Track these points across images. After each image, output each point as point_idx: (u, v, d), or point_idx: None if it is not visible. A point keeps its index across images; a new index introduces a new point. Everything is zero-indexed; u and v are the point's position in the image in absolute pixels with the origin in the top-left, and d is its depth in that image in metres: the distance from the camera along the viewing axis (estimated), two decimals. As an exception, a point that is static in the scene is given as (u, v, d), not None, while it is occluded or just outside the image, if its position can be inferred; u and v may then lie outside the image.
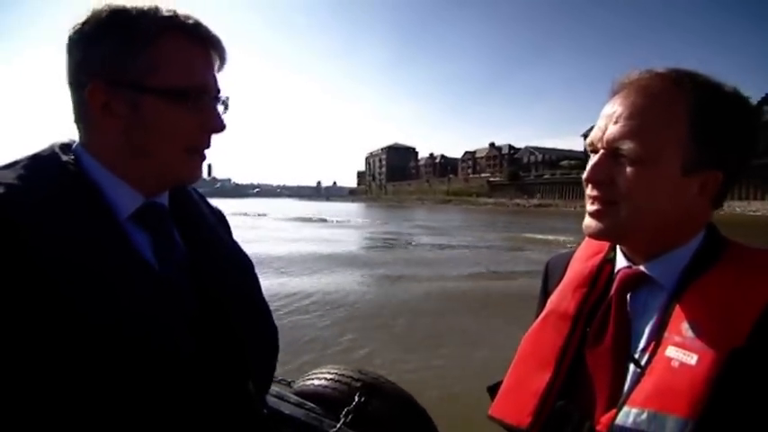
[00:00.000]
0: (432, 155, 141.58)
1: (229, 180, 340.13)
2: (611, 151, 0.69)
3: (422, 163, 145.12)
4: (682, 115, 0.66)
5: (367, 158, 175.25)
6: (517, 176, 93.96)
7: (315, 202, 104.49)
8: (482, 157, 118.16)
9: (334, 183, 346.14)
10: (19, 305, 0.56)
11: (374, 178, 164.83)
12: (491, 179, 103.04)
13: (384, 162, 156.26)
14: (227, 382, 0.72)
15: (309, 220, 31.78)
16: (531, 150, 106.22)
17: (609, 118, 0.70)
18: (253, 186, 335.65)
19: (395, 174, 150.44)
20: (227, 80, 0.73)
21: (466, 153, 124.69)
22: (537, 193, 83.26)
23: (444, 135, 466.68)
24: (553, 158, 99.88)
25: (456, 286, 8.28)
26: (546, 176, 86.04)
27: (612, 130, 0.68)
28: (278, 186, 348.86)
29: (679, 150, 0.66)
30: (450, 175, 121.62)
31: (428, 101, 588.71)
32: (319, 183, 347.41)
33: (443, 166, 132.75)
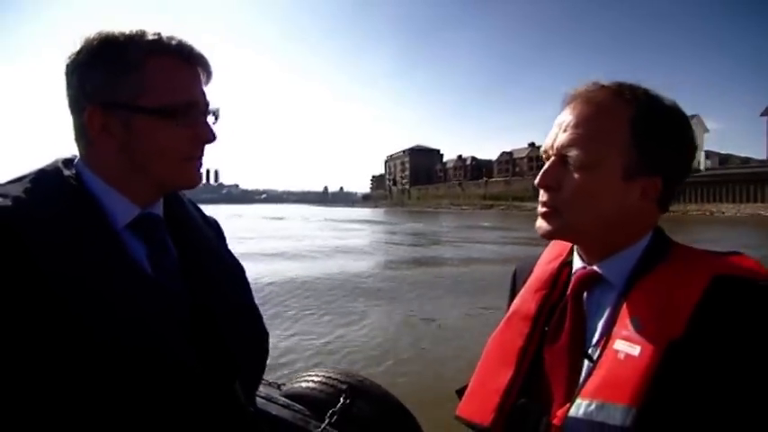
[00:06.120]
0: (461, 156, 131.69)
1: (236, 186, 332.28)
2: (561, 158, 0.74)
3: (449, 165, 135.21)
4: (623, 124, 0.72)
5: (386, 161, 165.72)
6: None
7: (340, 209, 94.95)
8: (522, 158, 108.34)
9: (341, 188, 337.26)
10: (23, 313, 0.60)
11: (395, 182, 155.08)
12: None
13: (407, 165, 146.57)
14: (215, 383, 0.75)
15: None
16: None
17: (559, 127, 0.75)
18: (259, 192, 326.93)
19: (419, 177, 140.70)
20: (230, 86, 0.64)
21: (503, 153, 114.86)
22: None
23: (465, 137, 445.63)
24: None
25: None
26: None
27: (561, 138, 0.74)
28: (284, 192, 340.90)
29: (620, 157, 0.71)
30: (485, 178, 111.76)
31: (443, 104, 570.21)
32: (326, 188, 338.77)
33: (476, 169, 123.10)
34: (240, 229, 27.65)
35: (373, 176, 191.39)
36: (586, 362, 0.73)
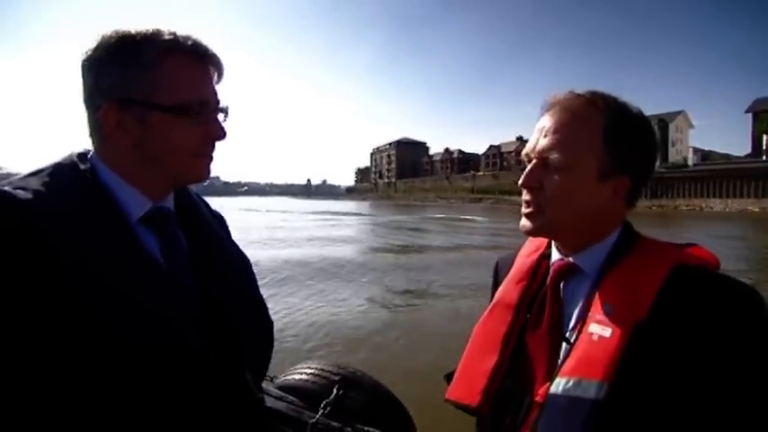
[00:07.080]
0: (448, 149, 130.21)
1: (218, 178, 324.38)
2: (542, 161, 0.80)
3: (436, 159, 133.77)
4: (596, 131, 0.78)
5: (372, 154, 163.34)
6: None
7: (325, 201, 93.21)
8: (510, 152, 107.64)
9: (324, 181, 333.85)
10: (39, 305, 0.61)
11: (381, 175, 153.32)
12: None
13: (393, 158, 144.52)
14: (227, 376, 0.76)
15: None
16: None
17: (540, 132, 0.82)
18: (241, 185, 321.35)
19: (405, 170, 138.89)
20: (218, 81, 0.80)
21: (491, 147, 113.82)
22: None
23: (449, 132, 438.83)
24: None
25: None
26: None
27: (542, 142, 0.80)
28: (266, 184, 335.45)
29: (595, 160, 0.78)
30: (473, 172, 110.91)
31: (425, 100, 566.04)
32: (309, 181, 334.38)
33: (463, 162, 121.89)
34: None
35: (358, 169, 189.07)
36: (564, 344, 0.79)
